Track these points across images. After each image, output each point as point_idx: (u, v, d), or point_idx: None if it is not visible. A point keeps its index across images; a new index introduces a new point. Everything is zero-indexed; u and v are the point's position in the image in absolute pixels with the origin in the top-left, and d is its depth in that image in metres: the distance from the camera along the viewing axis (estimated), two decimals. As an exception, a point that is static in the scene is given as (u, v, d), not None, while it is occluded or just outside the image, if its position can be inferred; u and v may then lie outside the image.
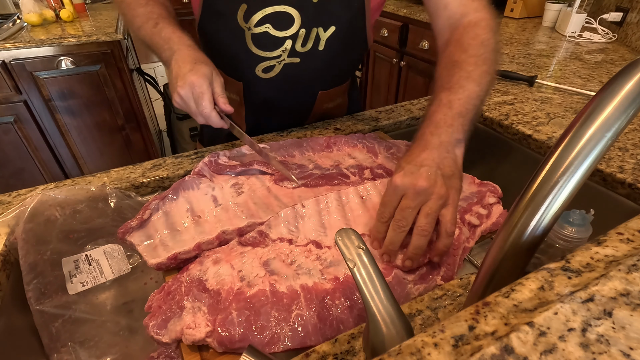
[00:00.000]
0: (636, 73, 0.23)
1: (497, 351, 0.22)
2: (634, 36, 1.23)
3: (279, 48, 0.65)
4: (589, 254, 0.29)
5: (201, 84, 0.52)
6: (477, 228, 0.50)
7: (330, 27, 0.65)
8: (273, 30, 0.62)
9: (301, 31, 0.63)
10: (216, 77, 0.55)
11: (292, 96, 0.73)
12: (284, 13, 0.61)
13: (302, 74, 0.69)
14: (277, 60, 0.66)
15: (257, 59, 0.66)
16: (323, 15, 0.63)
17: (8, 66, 1.45)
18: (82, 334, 0.48)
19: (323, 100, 0.76)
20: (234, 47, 0.65)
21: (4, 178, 1.64)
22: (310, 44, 0.65)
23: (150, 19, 0.59)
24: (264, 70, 0.67)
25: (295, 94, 0.73)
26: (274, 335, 0.37)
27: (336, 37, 0.66)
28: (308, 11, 0.62)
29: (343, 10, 0.64)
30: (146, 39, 0.61)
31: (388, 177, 0.59)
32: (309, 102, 0.76)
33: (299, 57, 0.66)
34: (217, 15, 0.63)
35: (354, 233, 0.31)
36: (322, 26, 0.64)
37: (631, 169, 0.56)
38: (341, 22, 0.65)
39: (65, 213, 0.51)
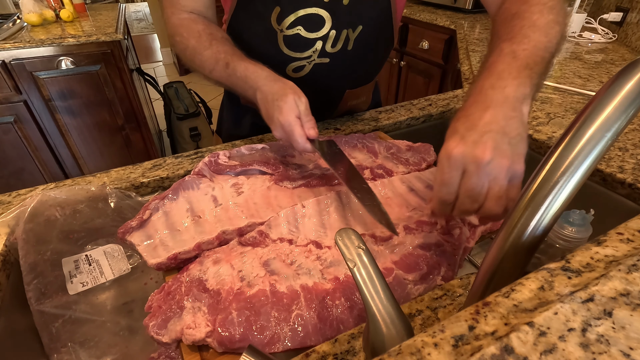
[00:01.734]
0: (636, 73, 0.23)
1: (497, 351, 0.22)
2: (634, 36, 1.23)
3: (309, 49, 0.65)
4: (589, 254, 0.29)
5: (289, 122, 0.51)
6: (477, 228, 0.50)
7: (358, 27, 0.65)
8: (304, 32, 0.63)
9: (331, 32, 0.64)
10: (299, 100, 0.52)
11: (320, 94, 0.73)
12: (315, 15, 0.62)
13: (331, 74, 0.70)
14: (307, 60, 0.67)
15: (288, 60, 0.66)
16: (353, 16, 0.64)
17: (8, 66, 1.45)
18: (82, 334, 0.48)
19: (349, 98, 0.77)
20: (265, 47, 0.65)
21: (4, 178, 1.64)
22: (340, 45, 0.66)
23: (219, 60, 0.58)
24: (294, 70, 0.68)
25: (324, 93, 0.74)
26: (274, 335, 0.37)
27: (364, 37, 0.67)
28: (339, 13, 0.63)
29: (371, 10, 0.65)
30: (222, 81, 0.60)
31: (388, 177, 0.59)
32: (336, 99, 0.77)
33: (328, 57, 0.67)
34: (250, 16, 0.64)
35: (354, 233, 0.31)
36: (351, 27, 0.65)
37: (631, 169, 0.56)
38: (369, 21, 0.66)
39: (65, 213, 0.51)
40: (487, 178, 0.34)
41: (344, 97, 0.76)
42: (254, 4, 0.62)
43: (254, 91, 0.55)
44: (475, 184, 0.34)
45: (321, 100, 0.75)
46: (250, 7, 0.63)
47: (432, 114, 0.79)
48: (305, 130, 0.53)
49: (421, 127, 0.80)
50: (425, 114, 0.79)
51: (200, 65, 0.61)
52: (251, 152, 0.62)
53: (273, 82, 0.54)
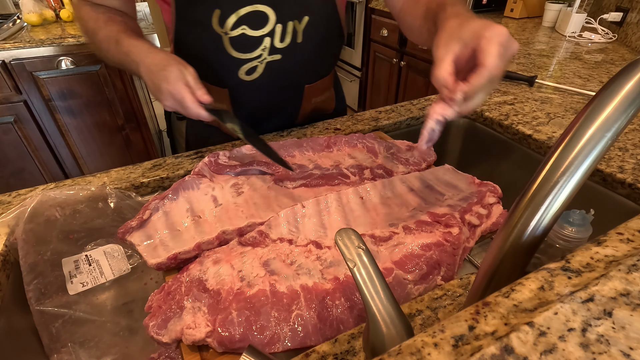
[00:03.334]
0: (636, 73, 0.23)
1: (497, 351, 0.22)
2: (634, 36, 1.23)
3: (258, 48, 0.64)
4: (589, 254, 0.29)
5: (178, 89, 0.52)
6: (477, 228, 0.50)
7: (304, 18, 0.64)
8: (250, 30, 0.62)
9: (277, 27, 0.63)
10: (185, 70, 0.54)
11: (279, 94, 0.72)
12: (257, 12, 0.61)
13: (285, 70, 0.69)
14: (258, 60, 0.65)
15: (239, 62, 0.65)
16: (295, 7, 0.63)
17: (8, 66, 1.45)
18: (82, 334, 0.48)
19: (310, 94, 0.76)
20: (213, 54, 0.64)
21: (4, 178, 1.64)
22: (289, 39, 0.65)
23: (111, 39, 0.59)
24: (247, 72, 0.66)
25: (282, 92, 0.72)
26: (274, 335, 0.37)
27: (312, 27, 0.66)
28: (281, 6, 0.61)
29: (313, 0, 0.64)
30: (115, 60, 0.60)
31: (388, 177, 0.59)
32: (296, 98, 0.75)
33: (279, 53, 0.66)
34: (192, 25, 0.63)
35: (354, 233, 0.31)
36: (296, 18, 0.64)
37: (631, 169, 0.56)
38: (313, 10, 0.65)
39: (65, 213, 0.51)
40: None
41: (305, 93, 0.75)
42: (192, 12, 0.61)
43: (137, 65, 0.55)
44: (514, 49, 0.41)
45: (282, 100, 0.74)
46: (189, 16, 0.62)
47: (432, 114, 0.79)
48: (198, 96, 0.54)
49: (421, 127, 0.80)
50: (425, 114, 0.79)
51: (99, 47, 0.61)
52: (251, 152, 0.62)
53: (155, 53, 0.55)
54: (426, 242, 0.45)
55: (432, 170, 0.61)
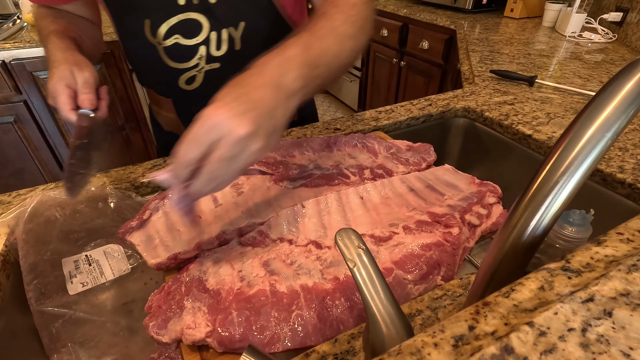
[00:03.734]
0: (636, 73, 0.23)
1: (497, 351, 0.22)
2: (634, 36, 1.23)
3: (194, 57, 0.62)
4: (589, 254, 0.29)
5: (55, 88, 0.50)
6: (477, 228, 0.50)
7: (240, 24, 0.61)
8: (183, 39, 0.60)
9: (212, 35, 0.60)
10: (78, 72, 0.51)
11: None
12: (190, 20, 0.59)
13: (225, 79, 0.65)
14: (196, 69, 0.63)
15: (177, 72, 0.63)
16: (230, 14, 0.60)
17: (8, 66, 1.45)
18: (82, 334, 0.48)
19: None
20: (151, 64, 0.63)
21: (4, 178, 1.64)
22: (226, 47, 0.62)
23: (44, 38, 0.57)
24: (186, 82, 0.65)
25: None
26: (274, 335, 0.37)
27: (251, 33, 0.62)
28: (213, 13, 0.59)
29: (246, 3, 0.61)
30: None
31: (388, 177, 0.59)
32: None
33: (217, 61, 0.63)
34: (129, 35, 0.62)
35: (354, 233, 0.31)
36: (232, 25, 0.61)
37: (631, 169, 0.56)
38: (250, 16, 0.61)
39: (65, 213, 0.51)
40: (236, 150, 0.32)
41: None
42: (126, 22, 0.60)
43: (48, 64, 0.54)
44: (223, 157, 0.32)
45: None
46: (123, 26, 0.61)
47: (432, 114, 0.79)
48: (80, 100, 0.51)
49: (421, 127, 0.80)
50: (425, 114, 0.79)
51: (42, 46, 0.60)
52: (251, 152, 0.62)
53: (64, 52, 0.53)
54: (426, 242, 0.45)
55: (432, 170, 0.61)
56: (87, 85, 0.52)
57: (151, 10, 0.58)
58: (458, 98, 0.84)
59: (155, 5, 0.57)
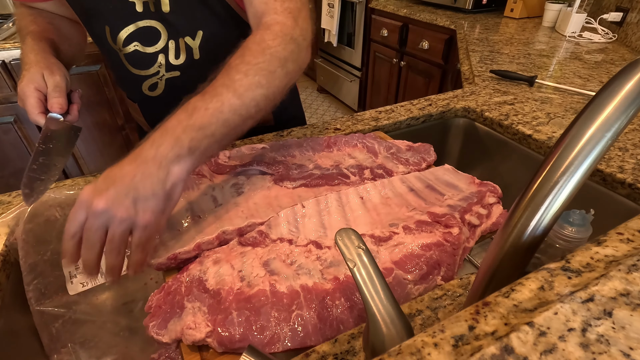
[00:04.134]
0: (636, 73, 0.23)
1: (497, 351, 0.22)
2: (634, 36, 1.23)
3: (154, 64, 0.62)
4: (589, 254, 0.29)
5: (24, 91, 0.50)
6: (477, 228, 0.50)
7: (198, 33, 0.60)
8: (142, 47, 0.60)
9: (170, 43, 0.60)
10: (49, 76, 0.51)
11: None
12: (148, 28, 0.58)
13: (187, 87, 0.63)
14: (157, 77, 0.63)
15: (139, 79, 0.63)
16: (186, 23, 0.59)
17: (8, 66, 1.45)
18: (82, 334, 0.48)
19: None
20: (117, 69, 0.63)
21: (4, 178, 1.64)
22: (184, 56, 0.62)
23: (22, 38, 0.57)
24: (149, 88, 0.65)
25: None
26: (274, 335, 0.37)
27: (209, 42, 0.62)
28: (170, 21, 0.59)
29: (202, 12, 0.59)
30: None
31: (388, 177, 0.59)
32: None
33: (177, 70, 0.63)
34: (96, 40, 0.62)
35: (354, 233, 0.31)
36: (189, 35, 0.60)
37: (631, 169, 0.56)
38: (208, 25, 0.60)
39: (65, 213, 0.51)
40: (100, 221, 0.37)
41: None
42: (90, 28, 0.61)
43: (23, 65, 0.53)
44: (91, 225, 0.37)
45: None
46: (90, 32, 0.61)
47: (432, 114, 0.79)
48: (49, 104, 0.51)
49: (421, 127, 0.81)
50: (425, 114, 0.79)
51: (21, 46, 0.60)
52: (251, 152, 0.62)
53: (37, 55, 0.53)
54: (426, 242, 0.45)
55: (432, 170, 0.61)
56: (57, 89, 0.52)
57: (110, 16, 0.57)
58: (458, 98, 0.84)
59: (113, 12, 0.57)
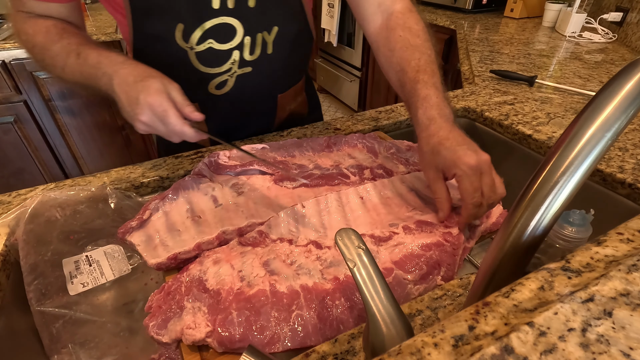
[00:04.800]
0: (636, 73, 0.23)
1: (497, 351, 0.22)
2: (634, 36, 1.23)
3: (227, 61, 0.61)
4: (589, 254, 0.29)
5: (160, 102, 0.46)
6: (477, 228, 0.50)
7: (273, 28, 0.62)
8: (217, 44, 0.59)
9: (246, 39, 0.60)
10: (169, 84, 0.48)
11: (252, 106, 0.70)
12: (224, 25, 0.58)
13: (257, 83, 0.66)
14: (228, 74, 0.63)
15: (208, 77, 0.62)
16: (264, 18, 0.60)
17: (8, 66, 1.45)
18: (83, 334, 0.48)
19: (284, 103, 0.74)
20: (179, 69, 0.59)
21: (4, 178, 1.64)
22: (259, 51, 0.63)
23: (71, 52, 0.52)
24: (217, 87, 0.64)
25: (255, 104, 0.70)
26: (274, 335, 0.37)
27: (282, 37, 0.64)
28: (248, 17, 0.59)
29: (282, 8, 0.61)
30: (75, 76, 0.53)
31: (388, 177, 0.59)
32: (270, 108, 0.73)
33: (250, 66, 0.63)
34: (153, 40, 0.58)
35: (354, 233, 0.31)
36: (265, 30, 0.61)
37: (631, 169, 0.56)
38: (283, 20, 0.62)
39: (65, 214, 0.51)
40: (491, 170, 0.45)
41: (279, 103, 0.73)
42: (151, 27, 0.57)
43: (109, 78, 0.48)
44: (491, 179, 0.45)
45: (255, 112, 0.71)
46: (148, 29, 0.57)
47: (432, 114, 0.79)
48: (186, 113, 0.48)
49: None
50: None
51: (51, 63, 0.54)
52: (251, 152, 0.62)
53: (133, 64, 0.49)
54: (426, 242, 0.45)
55: (432, 170, 0.61)
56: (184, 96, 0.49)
57: (184, 14, 0.56)
58: (458, 98, 0.84)
59: (188, 9, 0.56)
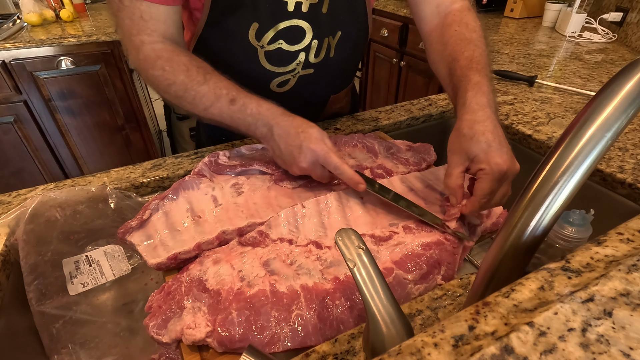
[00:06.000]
0: (636, 73, 0.23)
1: (497, 351, 0.22)
2: (634, 36, 1.23)
3: (293, 62, 0.64)
4: (589, 254, 0.29)
5: (321, 148, 0.50)
6: (477, 228, 0.50)
7: (337, 33, 0.65)
8: (286, 45, 0.62)
9: (313, 42, 0.63)
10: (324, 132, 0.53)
11: (306, 105, 0.73)
12: (296, 27, 0.60)
13: (316, 83, 0.69)
14: (291, 74, 0.66)
15: (272, 75, 0.65)
16: (332, 23, 0.63)
17: (8, 66, 1.45)
18: (83, 335, 0.48)
19: (333, 103, 0.78)
20: (246, 65, 0.63)
21: (4, 178, 1.64)
22: (324, 54, 0.65)
23: (221, 97, 0.53)
24: (278, 85, 0.67)
25: (309, 104, 0.73)
26: (274, 335, 0.37)
27: (344, 41, 0.66)
28: (319, 22, 0.61)
29: (349, 14, 0.64)
30: (223, 117, 0.55)
31: (388, 177, 0.59)
32: (319, 107, 0.77)
33: (312, 67, 0.66)
34: (225, 34, 0.61)
35: (354, 233, 0.31)
36: (331, 34, 0.64)
37: (631, 169, 0.56)
38: (347, 25, 0.65)
39: (65, 214, 0.51)
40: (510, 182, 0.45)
41: (328, 103, 0.76)
42: (227, 22, 0.59)
43: (268, 128, 0.53)
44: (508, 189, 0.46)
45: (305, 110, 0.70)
46: (222, 25, 0.59)
47: (432, 114, 0.79)
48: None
49: (421, 127, 0.81)
50: (425, 114, 0.79)
51: (192, 101, 0.55)
52: (251, 152, 0.62)
53: (291, 116, 0.53)
54: (426, 241, 0.45)
55: (432, 170, 0.61)
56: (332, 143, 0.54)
57: (261, 14, 0.58)
58: (458, 98, 0.84)
59: (266, 9, 0.58)
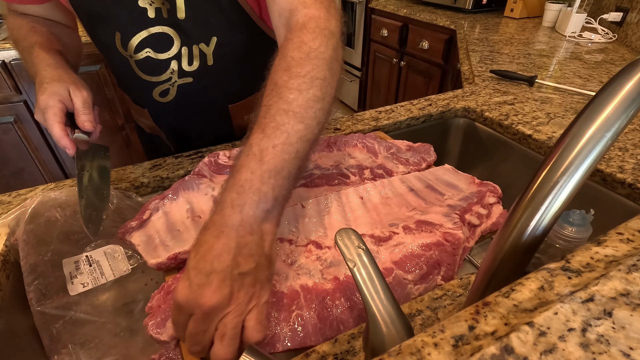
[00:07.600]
0: (636, 73, 0.23)
1: (497, 351, 0.22)
2: (634, 36, 1.23)
3: (166, 71, 0.61)
4: (589, 254, 0.29)
5: (47, 102, 0.47)
6: (477, 228, 0.50)
7: (212, 39, 0.60)
8: (154, 53, 0.59)
9: (183, 49, 0.59)
10: (75, 91, 0.49)
11: (201, 115, 0.70)
12: (161, 34, 0.57)
13: (200, 93, 0.65)
14: (169, 83, 0.62)
15: (150, 85, 0.63)
16: (201, 29, 0.58)
17: (8, 66, 1.45)
18: (83, 335, 0.48)
19: (239, 113, 0.72)
20: (125, 75, 0.62)
21: (4, 178, 1.64)
22: (197, 62, 0.61)
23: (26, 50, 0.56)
24: (160, 94, 0.64)
25: (203, 113, 0.69)
26: (274, 335, 0.37)
27: (223, 48, 0.61)
28: (182, 28, 0.58)
29: (217, 18, 0.58)
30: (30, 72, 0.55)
31: (388, 177, 0.59)
32: (224, 117, 0.71)
33: (190, 76, 0.62)
34: (102, 46, 0.60)
35: (354, 233, 0.31)
36: (203, 41, 0.59)
37: (631, 169, 0.56)
38: (221, 31, 0.59)
39: (65, 214, 0.51)
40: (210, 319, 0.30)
41: (232, 113, 0.71)
42: (97, 33, 0.58)
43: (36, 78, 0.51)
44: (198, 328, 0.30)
45: (207, 120, 0.71)
46: (95, 37, 0.59)
47: (432, 114, 0.79)
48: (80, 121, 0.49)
49: (421, 127, 0.81)
50: (425, 114, 0.79)
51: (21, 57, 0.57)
52: (251, 152, 0.62)
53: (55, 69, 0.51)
54: (426, 242, 0.45)
55: (432, 170, 0.61)
56: (86, 105, 0.50)
57: (121, 22, 0.56)
58: (458, 98, 0.84)
59: (125, 17, 0.56)
